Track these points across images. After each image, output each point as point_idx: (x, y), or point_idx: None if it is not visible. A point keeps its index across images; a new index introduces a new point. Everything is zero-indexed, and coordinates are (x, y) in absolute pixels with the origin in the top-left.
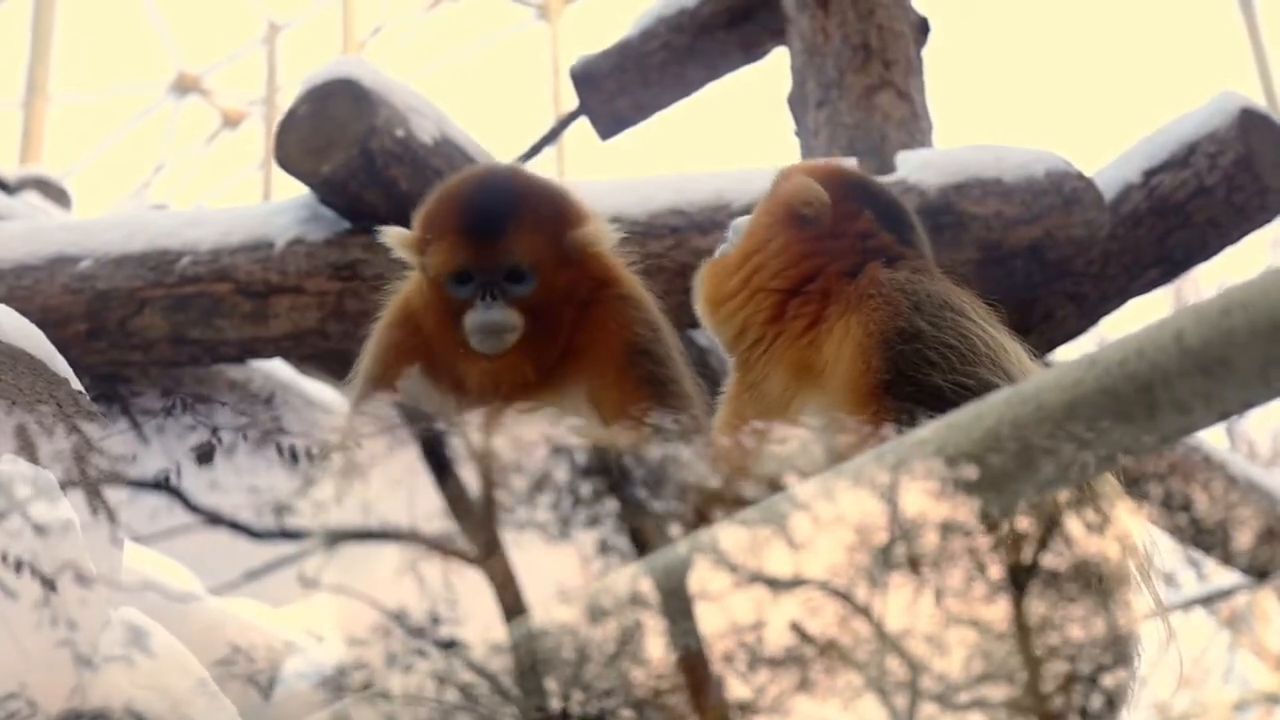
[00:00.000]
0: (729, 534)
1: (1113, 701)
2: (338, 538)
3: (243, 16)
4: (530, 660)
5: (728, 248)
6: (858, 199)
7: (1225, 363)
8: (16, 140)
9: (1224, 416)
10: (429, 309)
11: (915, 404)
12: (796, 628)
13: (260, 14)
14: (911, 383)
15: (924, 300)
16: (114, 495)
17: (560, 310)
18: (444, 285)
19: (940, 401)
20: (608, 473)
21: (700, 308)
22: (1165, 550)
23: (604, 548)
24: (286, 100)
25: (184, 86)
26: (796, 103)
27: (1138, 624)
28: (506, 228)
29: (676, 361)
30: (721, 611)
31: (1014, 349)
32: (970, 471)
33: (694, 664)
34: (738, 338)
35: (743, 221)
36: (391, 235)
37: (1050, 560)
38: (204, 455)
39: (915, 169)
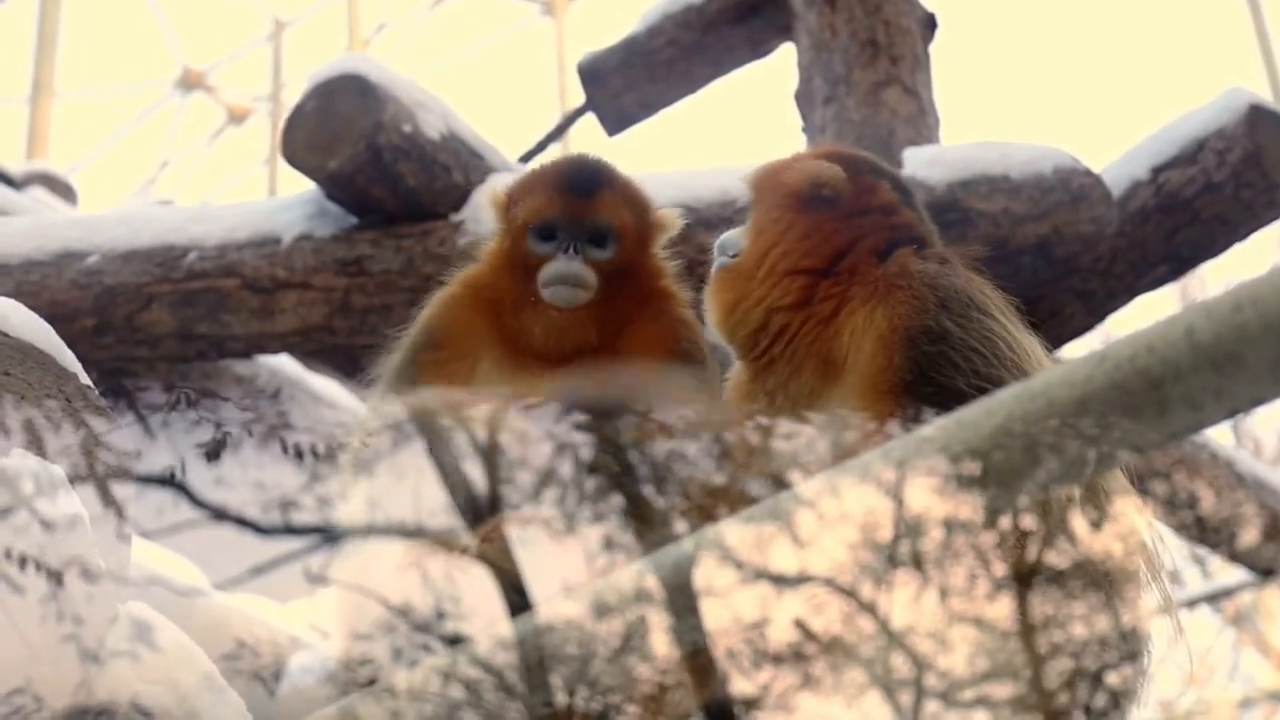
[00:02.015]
0: (735, 531)
1: (1125, 698)
2: (346, 534)
3: (248, 13)
4: (536, 656)
5: (728, 260)
6: (871, 173)
7: (1237, 358)
8: (23, 136)
9: (1235, 413)
10: (506, 263)
11: (934, 406)
12: (801, 624)
13: (265, 11)
14: (933, 385)
15: (951, 298)
16: (121, 490)
17: (628, 288)
18: (527, 239)
19: (960, 406)
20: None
21: (715, 317)
22: (1171, 547)
23: (609, 544)
24: (291, 97)
25: (189, 83)
26: (803, 99)
27: (1147, 621)
28: (599, 190)
29: (714, 385)
30: (727, 608)
31: (1034, 348)
32: (980, 467)
33: (698, 660)
34: (758, 333)
35: (735, 234)
36: (486, 192)
37: (1061, 557)
38: (213, 452)
39: (922, 165)
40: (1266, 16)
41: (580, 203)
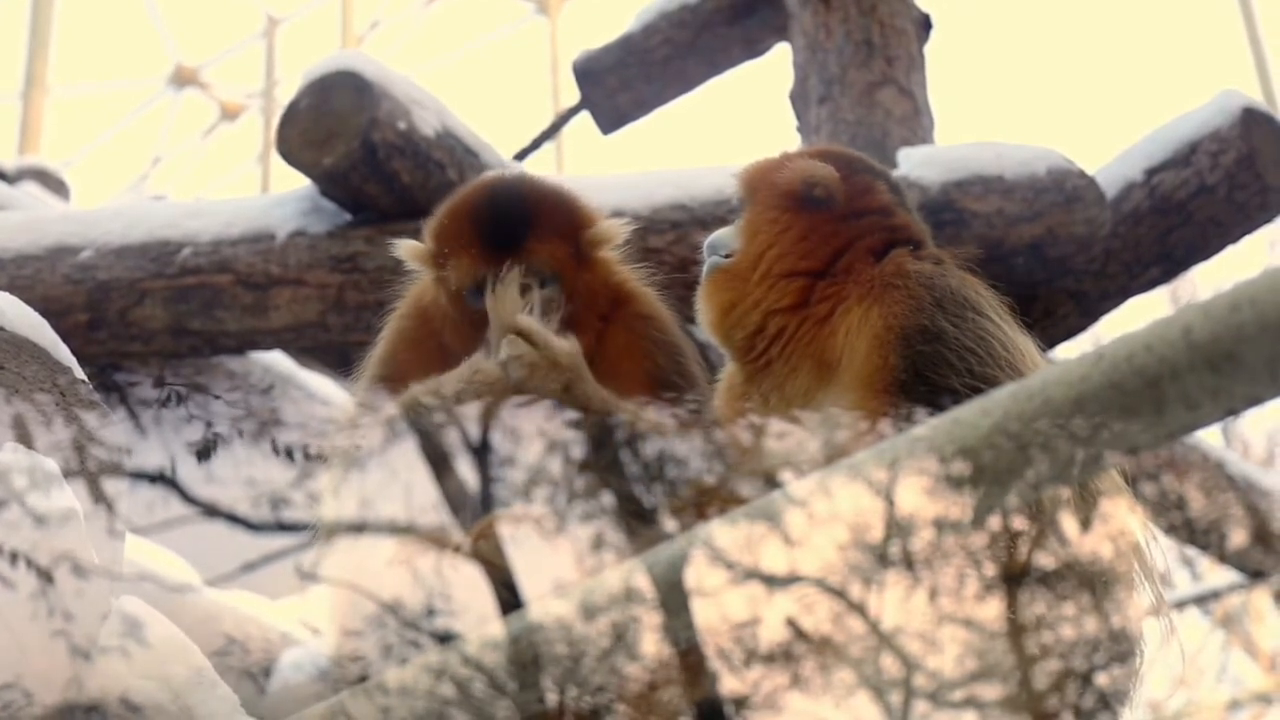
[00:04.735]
0: (728, 530)
1: (1116, 699)
2: (336, 531)
3: (241, 10)
4: (528, 655)
5: (720, 260)
6: (867, 173)
7: (1233, 358)
8: (15, 131)
9: (1231, 412)
10: (448, 320)
11: (929, 406)
12: (793, 624)
13: (259, 8)
14: (927, 384)
15: (947, 298)
16: (113, 486)
17: (583, 314)
18: (465, 297)
19: (955, 405)
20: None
21: (710, 319)
22: (1163, 548)
23: (601, 542)
24: (285, 94)
25: (182, 79)
26: (798, 99)
27: (1140, 622)
28: (525, 236)
29: (699, 386)
30: (720, 607)
31: (1028, 348)
32: (977, 467)
33: (689, 659)
34: (754, 336)
35: (725, 233)
36: (405, 249)
37: (1056, 558)
38: (203, 452)
39: (917, 166)
40: (1259, 19)
41: (511, 256)
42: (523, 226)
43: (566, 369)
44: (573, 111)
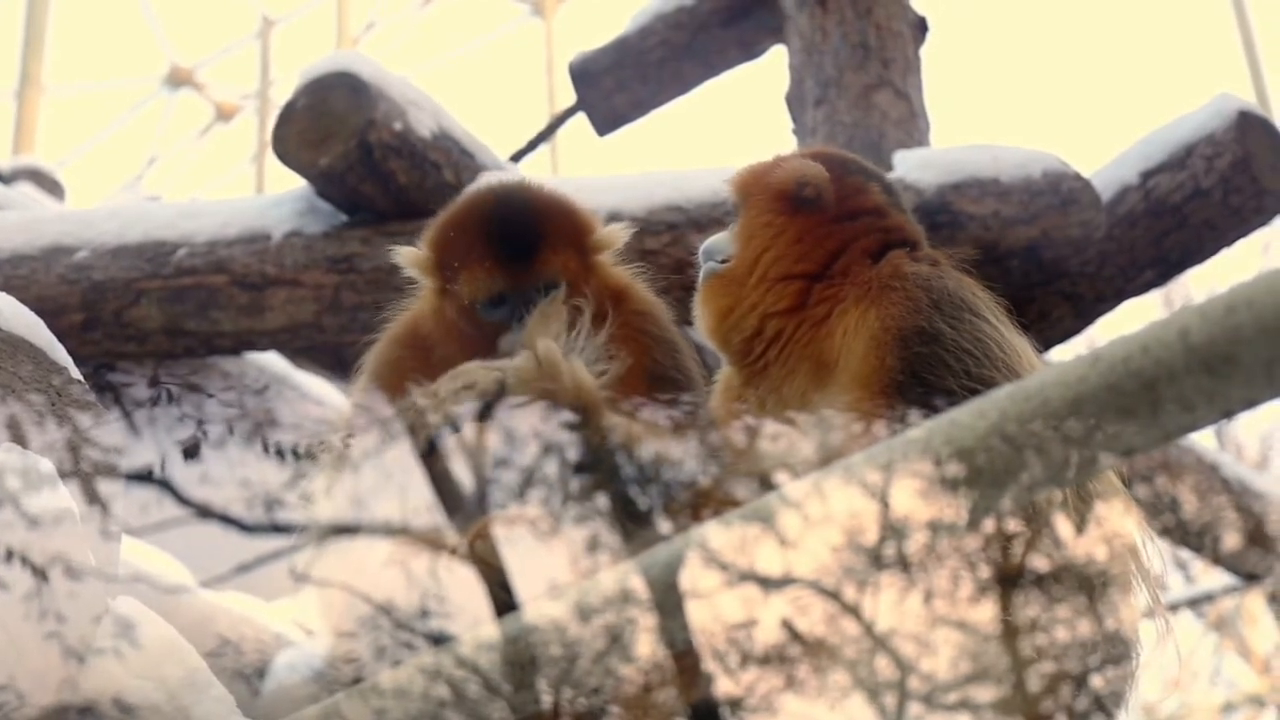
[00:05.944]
0: (724, 532)
1: (1113, 701)
2: (331, 532)
3: (236, 11)
4: (524, 656)
5: (716, 266)
6: (860, 174)
7: (1230, 360)
8: (10, 131)
9: (1228, 414)
10: (454, 333)
11: (925, 407)
12: (787, 626)
13: (254, 8)
14: (924, 385)
15: (944, 299)
16: (107, 487)
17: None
18: (477, 310)
19: (952, 407)
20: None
21: (708, 324)
22: (1159, 550)
23: (597, 544)
24: (280, 95)
25: (177, 80)
26: (794, 101)
27: (1136, 624)
28: (538, 246)
29: (695, 380)
30: (716, 609)
31: (1025, 350)
32: (973, 468)
33: (684, 660)
34: (752, 339)
35: (721, 239)
36: (405, 256)
37: (1053, 560)
38: (190, 451)
39: (913, 168)
40: (1254, 23)
41: (522, 267)
42: (536, 237)
43: (572, 407)
44: (569, 113)
